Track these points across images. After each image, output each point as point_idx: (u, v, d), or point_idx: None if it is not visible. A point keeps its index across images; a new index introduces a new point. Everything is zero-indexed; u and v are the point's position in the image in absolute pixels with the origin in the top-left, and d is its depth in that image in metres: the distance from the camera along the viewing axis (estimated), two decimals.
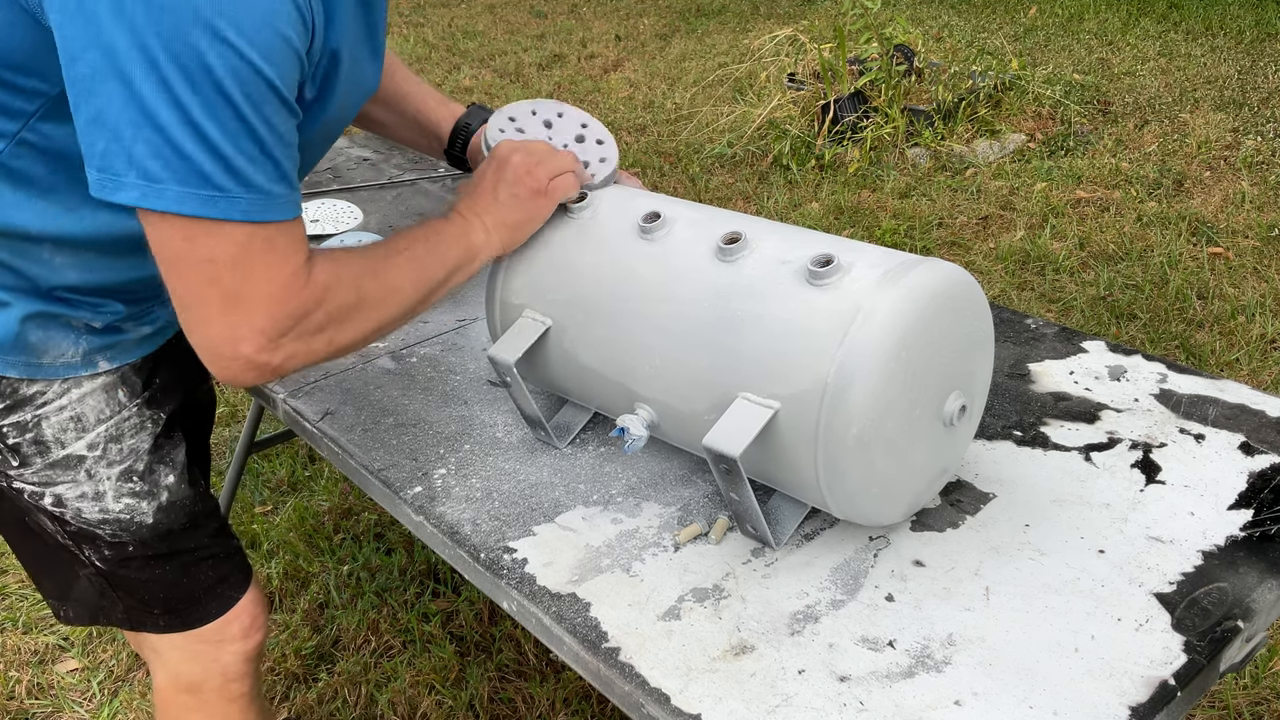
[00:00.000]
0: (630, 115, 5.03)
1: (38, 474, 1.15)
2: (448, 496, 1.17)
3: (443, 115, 1.40)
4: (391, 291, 1.05)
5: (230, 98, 0.84)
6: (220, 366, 0.96)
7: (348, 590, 2.23)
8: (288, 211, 0.93)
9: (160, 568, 1.24)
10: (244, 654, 1.34)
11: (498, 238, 1.14)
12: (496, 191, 1.14)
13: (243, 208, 0.88)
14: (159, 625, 1.28)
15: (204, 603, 1.29)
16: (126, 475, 1.19)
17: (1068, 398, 1.28)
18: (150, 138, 0.84)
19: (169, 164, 0.85)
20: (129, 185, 0.86)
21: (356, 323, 1.02)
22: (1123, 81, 4.88)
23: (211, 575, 1.28)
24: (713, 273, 1.04)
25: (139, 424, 1.20)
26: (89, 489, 1.17)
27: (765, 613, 0.98)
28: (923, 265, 0.98)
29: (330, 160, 2.20)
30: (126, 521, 1.20)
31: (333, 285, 0.99)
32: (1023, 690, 0.88)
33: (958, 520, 1.09)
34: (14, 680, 2.04)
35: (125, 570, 1.23)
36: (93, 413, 1.15)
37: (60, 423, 1.13)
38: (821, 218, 3.77)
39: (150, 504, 1.21)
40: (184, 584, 1.26)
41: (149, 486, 1.21)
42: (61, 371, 1.12)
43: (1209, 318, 3.02)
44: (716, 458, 0.98)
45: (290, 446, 2.69)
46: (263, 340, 0.94)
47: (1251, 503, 1.08)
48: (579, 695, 1.92)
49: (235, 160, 0.87)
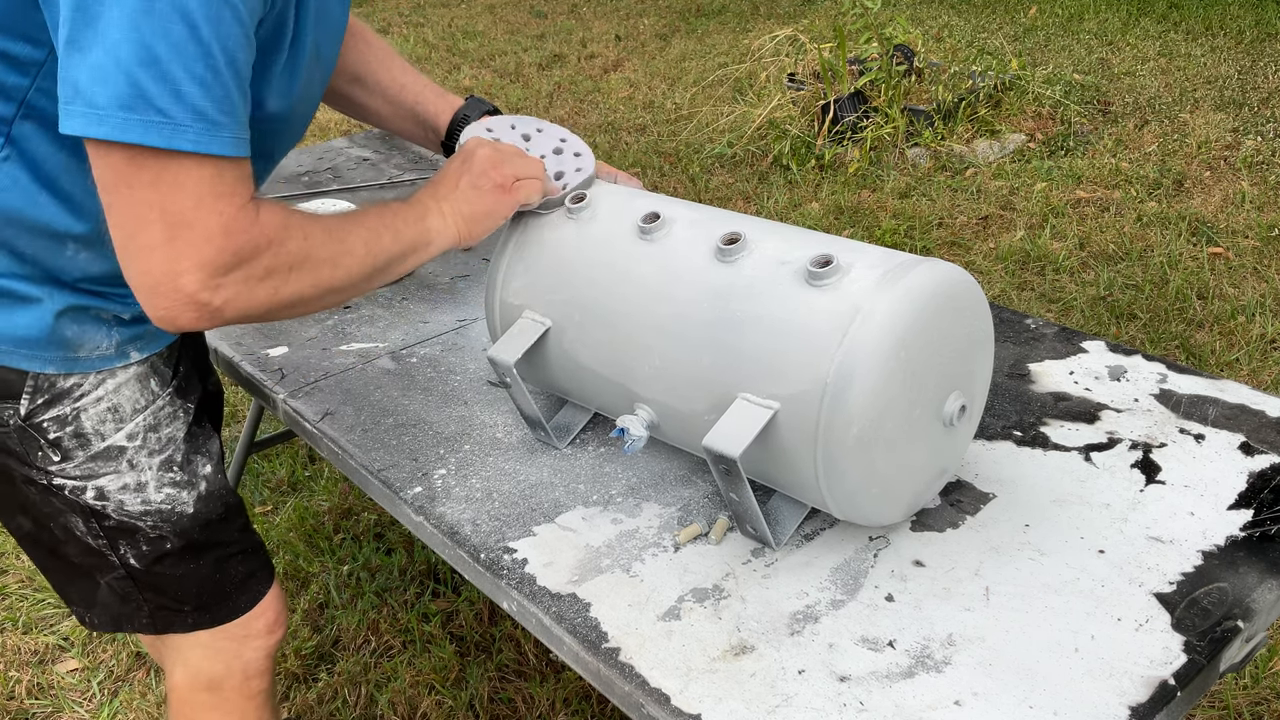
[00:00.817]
0: (630, 115, 5.03)
1: (80, 467, 1.14)
2: (448, 497, 1.17)
3: (440, 107, 1.39)
4: (342, 251, 1.02)
5: (188, 13, 0.82)
6: (157, 302, 0.92)
7: (348, 590, 2.23)
8: (238, 148, 0.90)
9: (195, 561, 1.24)
10: (267, 650, 1.34)
11: (454, 226, 1.13)
12: (459, 181, 1.14)
13: (190, 137, 0.86)
14: (187, 624, 1.27)
15: (234, 597, 1.29)
16: (167, 465, 1.19)
17: (1068, 398, 1.28)
18: (99, 61, 0.81)
19: (115, 89, 0.82)
20: (74, 114, 0.83)
21: (303, 275, 0.99)
22: (1123, 81, 4.88)
23: (242, 569, 1.29)
24: (712, 273, 1.04)
25: (172, 413, 1.20)
26: (131, 479, 1.17)
27: (765, 613, 0.98)
28: (922, 265, 0.98)
29: (330, 160, 2.20)
30: (168, 512, 1.20)
31: (282, 230, 0.96)
32: (1023, 690, 0.88)
33: (958, 520, 1.09)
34: (14, 680, 2.04)
35: (160, 567, 1.22)
36: (129, 403, 1.15)
37: (99, 414, 1.13)
38: (821, 218, 3.77)
39: (190, 494, 1.21)
40: (217, 579, 1.26)
41: (188, 476, 1.21)
42: (97, 364, 1.12)
43: (1209, 318, 3.02)
44: (716, 458, 0.98)
45: (290, 446, 2.69)
46: (204, 275, 0.91)
47: (1251, 503, 1.08)
48: (579, 695, 1.92)
49: (185, 85, 0.84)
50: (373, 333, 1.52)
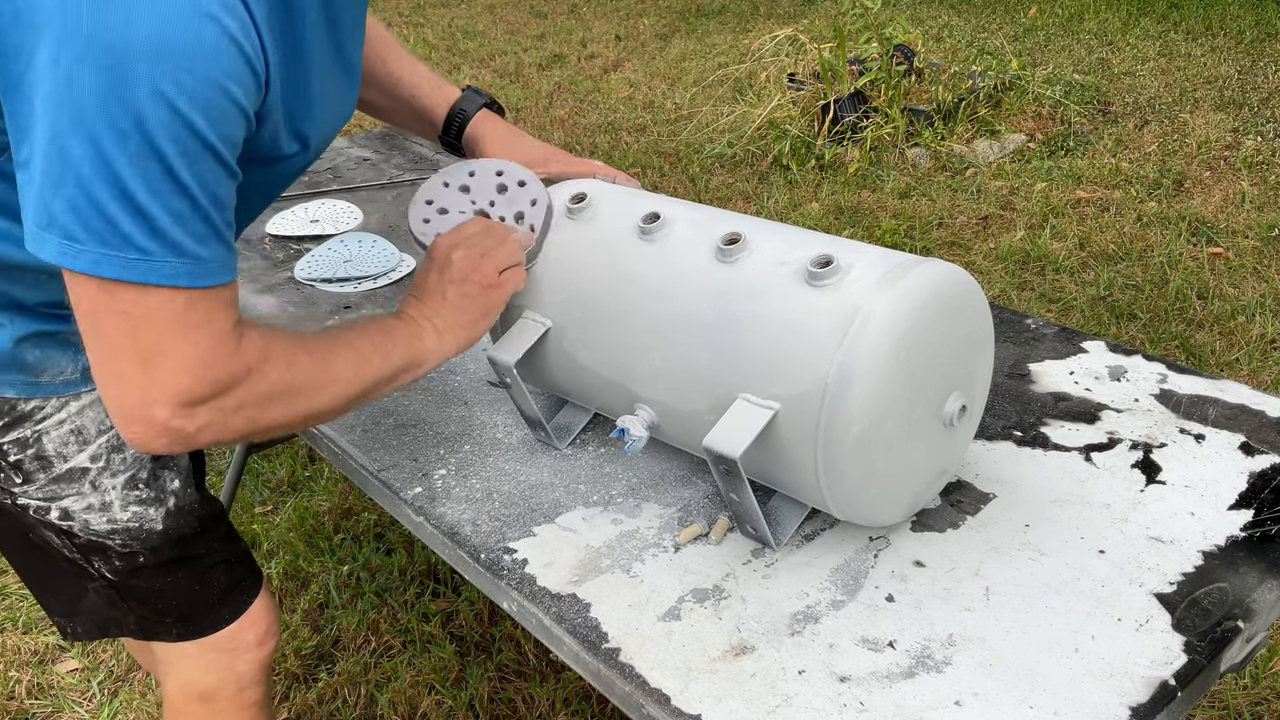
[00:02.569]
0: (630, 115, 5.03)
1: (42, 489, 1.13)
2: (448, 497, 1.17)
3: (437, 100, 1.35)
4: (328, 378, 0.99)
5: (163, 156, 0.80)
6: (131, 428, 0.90)
7: (348, 590, 2.23)
8: (218, 276, 0.88)
9: (173, 575, 1.22)
10: (259, 661, 1.32)
11: (451, 340, 1.09)
12: (445, 293, 1.09)
13: (167, 272, 0.84)
14: (172, 634, 1.26)
15: (217, 609, 1.27)
16: (131, 483, 1.17)
17: (1068, 398, 1.28)
18: (72, 195, 0.79)
19: (88, 223, 0.80)
20: (49, 242, 0.82)
21: (284, 405, 0.96)
22: (1123, 81, 4.88)
23: (224, 580, 1.27)
24: (712, 273, 1.04)
25: None
26: (95, 500, 1.15)
27: (765, 613, 0.98)
28: (922, 265, 0.98)
29: (330, 160, 2.20)
30: (136, 530, 1.18)
31: (262, 361, 0.93)
32: (1023, 690, 0.88)
33: (958, 520, 1.09)
34: (14, 680, 2.04)
35: (137, 580, 1.21)
36: (93, 424, 1.13)
37: (61, 436, 1.11)
38: (821, 218, 3.77)
39: (158, 510, 1.19)
40: (197, 590, 1.24)
41: (155, 493, 1.18)
42: (61, 389, 1.10)
43: (1209, 318, 3.02)
44: (716, 458, 0.98)
45: (290, 446, 2.69)
46: (178, 405, 0.88)
47: (1251, 503, 1.08)
48: (579, 695, 1.92)
49: (161, 221, 0.82)
50: None
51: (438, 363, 1.09)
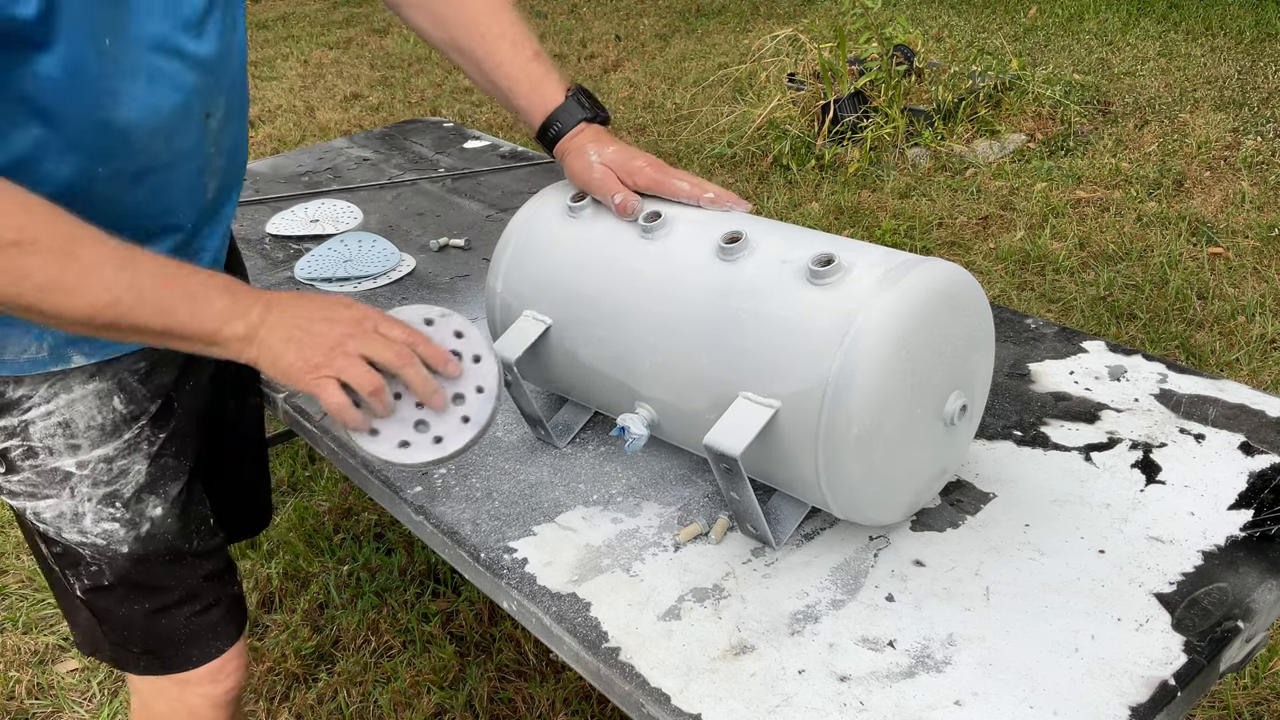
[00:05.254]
0: (630, 115, 5.03)
1: (23, 482, 1.11)
2: (448, 496, 1.17)
3: (534, 102, 1.19)
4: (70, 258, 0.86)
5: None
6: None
7: (348, 590, 2.22)
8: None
9: (136, 603, 1.17)
10: (212, 699, 1.25)
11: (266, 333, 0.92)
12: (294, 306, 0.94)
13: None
14: (139, 667, 1.22)
15: (184, 649, 1.21)
16: (110, 499, 1.13)
17: (1068, 398, 1.28)
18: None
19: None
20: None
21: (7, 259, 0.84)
22: (1123, 81, 4.88)
23: (195, 622, 1.21)
24: (713, 272, 1.04)
25: (133, 443, 1.14)
26: (68, 508, 1.12)
27: (765, 613, 0.98)
28: (923, 265, 0.98)
29: (330, 160, 2.20)
30: (103, 547, 1.14)
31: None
32: (1023, 690, 0.88)
33: (958, 520, 1.09)
34: (14, 680, 2.04)
35: (105, 602, 1.17)
36: (82, 418, 1.09)
37: (47, 428, 1.08)
38: (821, 218, 3.77)
39: (129, 533, 1.15)
40: (162, 625, 1.19)
41: (131, 515, 1.14)
42: (28, 368, 1.06)
43: (1209, 318, 3.02)
44: (717, 457, 0.98)
45: (290, 446, 2.69)
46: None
47: (1251, 503, 1.08)
48: (579, 695, 1.92)
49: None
50: None
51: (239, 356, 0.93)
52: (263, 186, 2.07)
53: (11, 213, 0.85)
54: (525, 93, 1.19)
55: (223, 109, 1.10)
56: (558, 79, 1.20)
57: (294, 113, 5.36)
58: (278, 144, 4.93)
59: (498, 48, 1.19)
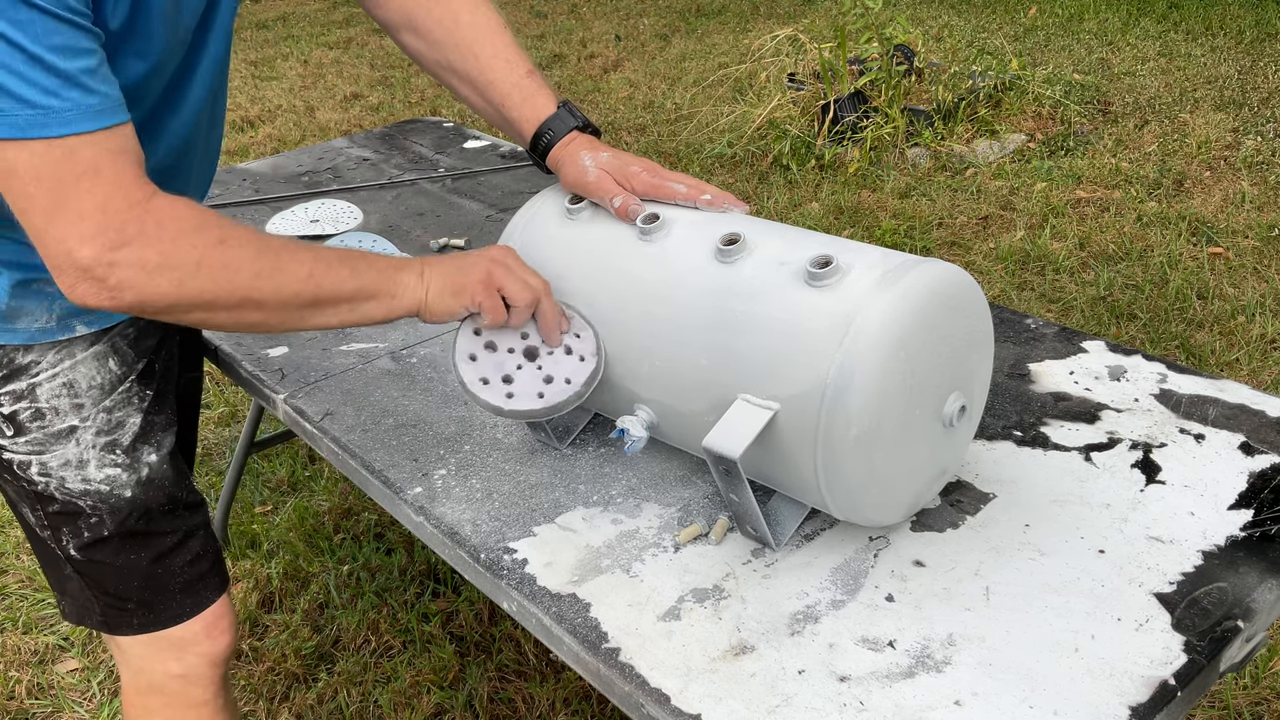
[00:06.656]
0: (630, 115, 5.03)
1: (30, 442, 1.17)
2: (448, 497, 1.17)
3: (525, 114, 1.22)
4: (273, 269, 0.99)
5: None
6: (61, 279, 0.93)
7: (348, 590, 2.23)
8: (83, 123, 0.89)
9: (134, 552, 1.23)
10: (208, 656, 1.30)
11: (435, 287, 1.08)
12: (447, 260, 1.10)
13: (19, 124, 0.86)
14: (133, 625, 1.26)
15: (178, 599, 1.27)
16: (111, 446, 1.20)
17: (1068, 398, 1.28)
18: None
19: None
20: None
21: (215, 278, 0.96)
22: (1123, 81, 4.88)
23: (188, 571, 1.27)
24: (712, 274, 1.04)
25: (127, 398, 1.21)
26: (73, 455, 1.18)
27: (765, 613, 0.98)
28: (922, 265, 0.98)
29: (330, 160, 2.20)
30: (106, 494, 1.20)
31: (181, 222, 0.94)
32: (1023, 690, 0.88)
33: (958, 520, 1.09)
34: (14, 680, 2.04)
35: (100, 555, 1.22)
36: (84, 379, 1.17)
37: (54, 389, 1.16)
38: (821, 218, 3.77)
39: (130, 476, 1.21)
40: (158, 574, 1.25)
41: (130, 461, 1.21)
42: (38, 336, 1.14)
43: (1209, 318, 3.02)
44: (716, 459, 0.98)
45: (290, 446, 2.69)
46: (93, 251, 0.91)
47: (1251, 503, 1.08)
48: (579, 695, 1.92)
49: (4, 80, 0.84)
50: (373, 333, 1.52)
51: (406, 310, 1.08)
52: (263, 186, 2.07)
53: (209, 218, 0.97)
54: (516, 104, 1.22)
55: (218, 110, 1.22)
56: (550, 93, 1.23)
57: (294, 113, 5.37)
58: (278, 144, 4.93)
59: (491, 65, 1.23)
